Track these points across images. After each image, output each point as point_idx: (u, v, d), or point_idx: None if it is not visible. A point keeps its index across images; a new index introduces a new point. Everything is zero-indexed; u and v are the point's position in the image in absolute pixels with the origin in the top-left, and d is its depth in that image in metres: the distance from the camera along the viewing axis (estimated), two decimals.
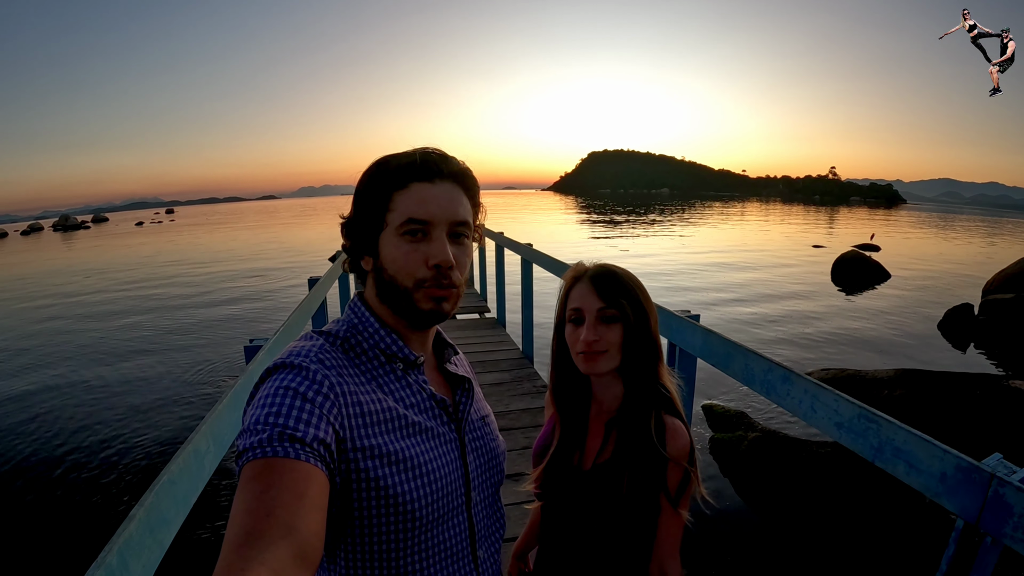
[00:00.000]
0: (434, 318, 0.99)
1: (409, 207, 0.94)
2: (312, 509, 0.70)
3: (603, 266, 1.40)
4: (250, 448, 0.74)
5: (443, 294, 0.97)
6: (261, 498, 0.68)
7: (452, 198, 0.97)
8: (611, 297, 1.33)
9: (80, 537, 4.94)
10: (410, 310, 0.98)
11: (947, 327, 11.86)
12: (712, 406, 7.05)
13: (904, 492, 4.73)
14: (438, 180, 0.96)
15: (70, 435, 7.07)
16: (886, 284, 17.52)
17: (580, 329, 1.35)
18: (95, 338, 12.31)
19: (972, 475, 1.38)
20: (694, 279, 18.14)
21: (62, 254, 38.74)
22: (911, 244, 32.56)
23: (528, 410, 5.05)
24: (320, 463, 0.76)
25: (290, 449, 0.74)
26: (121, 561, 1.13)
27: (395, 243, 0.95)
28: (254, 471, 0.72)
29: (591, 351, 1.33)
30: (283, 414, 0.78)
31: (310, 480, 0.73)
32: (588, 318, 1.34)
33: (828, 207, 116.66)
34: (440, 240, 0.95)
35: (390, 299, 0.99)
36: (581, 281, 1.38)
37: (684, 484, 1.34)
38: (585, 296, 1.35)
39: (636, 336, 1.34)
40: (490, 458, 1.13)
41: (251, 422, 0.78)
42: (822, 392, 1.92)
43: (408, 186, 0.95)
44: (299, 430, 0.77)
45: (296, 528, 0.66)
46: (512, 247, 7.26)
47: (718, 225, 47.98)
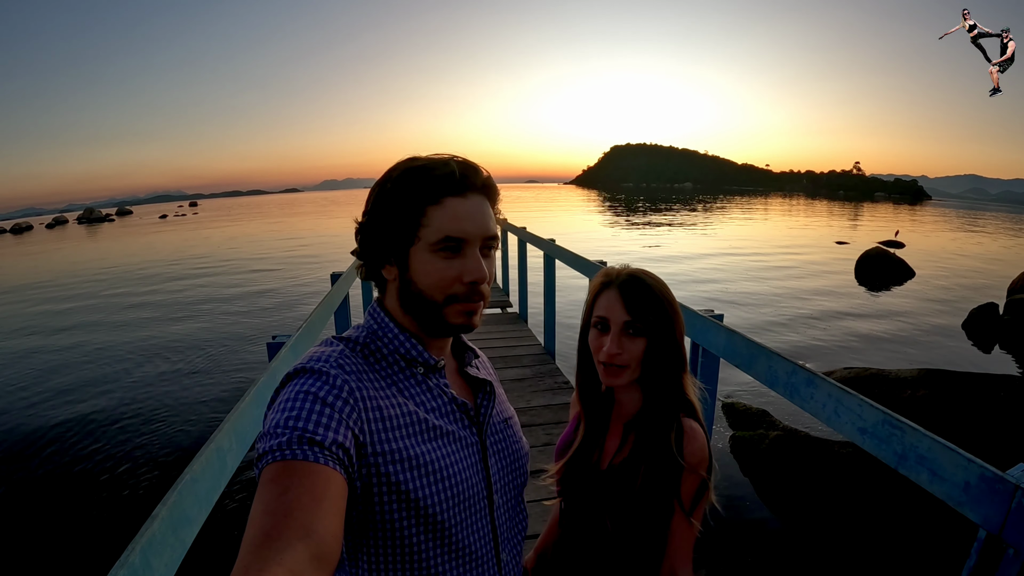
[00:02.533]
0: (462, 330, 1.00)
1: (444, 224, 0.93)
2: (330, 512, 0.71)
3: (633, 274, 1.37)
4: (269, 451, 0.76)
5: (473, 308, 0.98)
6: (280, 500, 0.69)
7: (484, 212, 0.97)
8: (638, 311, 1.32)
9: (102, 534, 4.99)
10: (439, 323, 0.98)
11: (971, 327, 11.68)
12: (733, 403, 7.02)
13: (926, 498, 4.69)
14: (469, 194, 0.96)
15: (94, 433, 7.15)
16: (910, 282, 17.29)
17: (604, 337, 1.35)
18: (118, 333, 12.50)
19: (996, 485, 1.37)
20: (716, 274, 18.02)
21: (87, 247, 39.18)
22: (936, 241, 32.08)
23: (549, 406, 5.04)
24: (339, 467, 0.77)
25: (309, 452, 0.75)
26: (144, 560, 1.14)
27: (428, 259, 0.94)
28: (273, 473, 0.73)
29: (612, 364, 1.34)
30: (303, 418, 0.79)
31: (328, 483, 0.74)
32: (613, 329, 1.34)
33: (852, 203, 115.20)
34: (474, 257, 0.95)
35: (417, 311, 0.99)
36: (610, 289, 1.37)
37: (699, 494, 1.34)
38: (612, 306, 1.35)
39: (659, 349, 1.34)
40: (512, 460, 1.13)
41: (271, 425, 0.79)
42: (846, 396, 1.91)
43: (442, 201, 0.93)
44: (318, 434, 0.78)
45: (314, 530, 0.67)
46: (535, 242, 7.24)
47: (741, 221, 47.52)
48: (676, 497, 1.33)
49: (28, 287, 20.16)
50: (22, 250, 40.72)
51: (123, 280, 20.43)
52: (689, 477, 1.32)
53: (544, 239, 6.82)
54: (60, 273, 23.77)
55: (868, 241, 27.15)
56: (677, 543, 1.37)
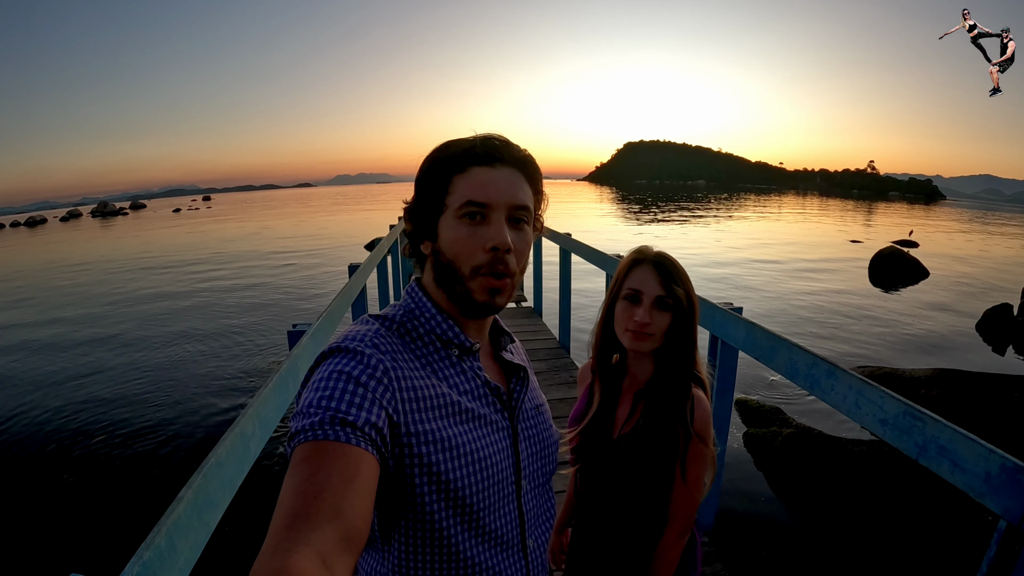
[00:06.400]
0: (487, 310, 0.99)
1: (468, 189, 0.93)
2: (360, 493, 0.71)
3: (664, 253, 1.46)
4: (301, 431, 0.76)
5: (499, 285, 0.95)
6: (310, 480, 0.69)
7: (512, 182, 0.96)
8: (670, 286, 1.39)
9: (128, 516, 5.08)
10: (464, 299, 0.97)
11: (985, 327, 11.58)
12: (747, 400, 7.02)
13: (941, 495, 4.68)
14: (498, 165, 0.96)
15: (119, 418, 7.27)
16: (924, 282, 17.17)
17: (635, 308, 1.42)
18: (140, 322, 12.66)
19: (1017, 476, 1.38)
20: (730, 271, 17.95)
21: (102, 239, 39.43)
22: (950, 241, 31.82)
23: (564, 400, 5.06)
24: (371, 447, 0.77)
25: (341, 433, 0.75)
26: (169, 542, 1.16)
27: (453, 225, 0.95)
28: (304, 453, 0.73)
29: (641, 332, 1.40)
30: (336, 398, 0.79)
31: (360, 464, 0.74)
32: (646, 300, 1.40)
33: (866, 202, 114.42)
34: (499, 223, 0.94)
35: (446, 284, 0.98)
36: (644, 264, 1.44)
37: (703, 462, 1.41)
38: (647, 280, 1.41)
39: (683, 325, 1.41)
40: (543, 447, 1.12)
41: (304, 405, 0.80)
42: (867, 388, 1.92)
43: (468, 170, 0.94)
44: (351, 414, 0.78)
45: (343, 511, 0.67)
46: (550, 236, 7.24)
47: (754, 218, 47.30)
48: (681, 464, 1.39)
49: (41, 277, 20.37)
50: (39, 240, 41.02)
51: (171, 267, 20.61)
52: (695, 444, 1.39)
53: (560, 233, 6.82)
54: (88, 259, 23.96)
55: (882, 240, 27.00)
56: (678, 509, 1.43)
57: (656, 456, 1.39)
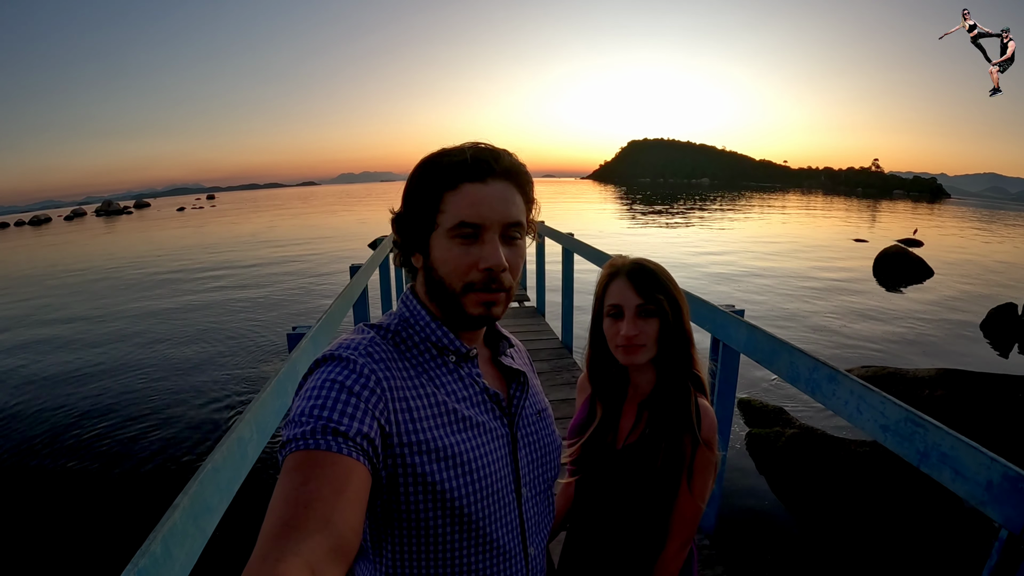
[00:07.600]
0: (482, 322, 0.99)
1: (460, 209, 0.92)
2: (350, 503, 0.71)
3: (638, 262, 1.45)
4: (293, 439, 0.75)
5: (492, 298, 0.95)
6: (300, 490, 0.69)
7: (504, 198, 0.94)
8: (649, 293, 1.39)
9: (123, 523, 5.02)
10: (458, 313, 0.97)
11: (990, 327, 11.53)
12: (749, 400, 6.99)
13: (943, 499, 4.67)
14: (490, 180, 0.94)
15: (114, 422, 7.20)
16: (929, 280, 17.10)
17: (619, 323, 1.42)
18: (140, 324, 12.64)
19: (1019, 485, 1.36)
20: (733, 270, 17.90)
21: (106, 237, 39.50)
22: (955, 240, 31.71)
23: (567, 400, 5.05)
24: (363, 457, 0.77)
25: (332, 442, 0.75)
26: (165, 549, 1.15)
27: (446, 245, 0.94)
28: (295, 462, 0.73)
29: (631, 344, 1.40)
30: (328, 407, 0.79)
31: (351, 474, 0.74)
32: (627, 313, 1.40)
33: (870, 200, 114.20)
34: (492, 243, 0.93)
35: (439, 299, 0.98)
36: (618, 277, 1.44)
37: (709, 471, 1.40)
38: (623, 292, 1.41)
39: (672, 329, 1.41)
40: (543, 453, 1.11)
41: (296, 413, 0.79)
42: (868, 393, 1.91)
43: (459, 187, 0.92)
44: (343, 424, 0.77)
45: (333, 522, 0.67)
46: (553, 236, 7.23)
47: (758, 217, 47.19)
48: (688, 473, 1.38)
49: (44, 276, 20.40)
50: (42, 241, 41.10)
51: (178, 266, 20.63)
52: (702, 452, 1.38)
53: (563, 233, 6.82)
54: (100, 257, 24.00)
55: (887, 239, 26.92)
56: (682, 520, 1.42)
57: (662, 466, 1.38)
